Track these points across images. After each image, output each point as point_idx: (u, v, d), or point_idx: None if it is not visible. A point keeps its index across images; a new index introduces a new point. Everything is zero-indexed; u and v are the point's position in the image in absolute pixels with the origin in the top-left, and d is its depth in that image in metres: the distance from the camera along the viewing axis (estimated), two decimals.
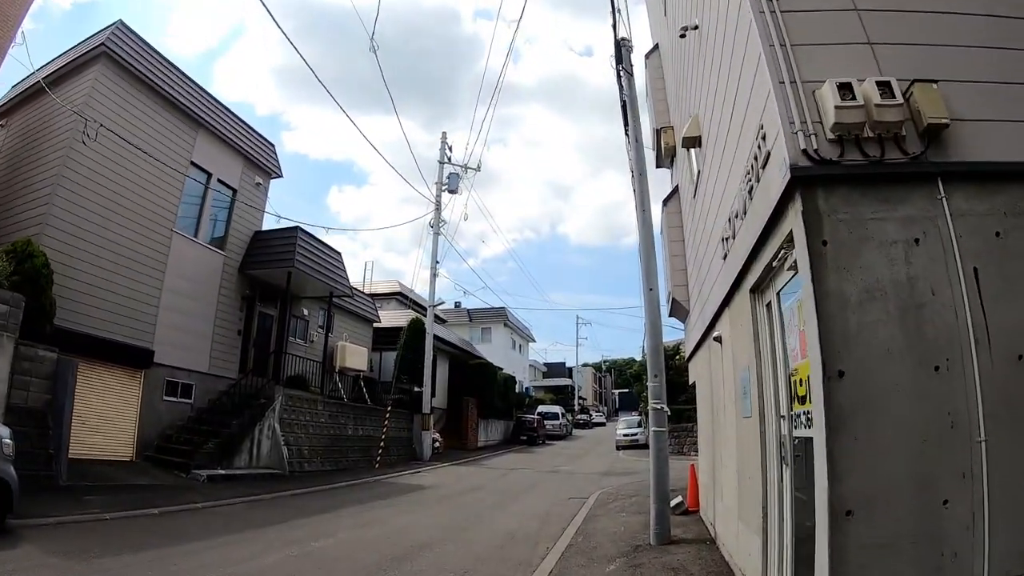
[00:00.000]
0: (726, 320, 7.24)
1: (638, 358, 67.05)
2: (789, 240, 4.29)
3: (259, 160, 22.34)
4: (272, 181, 23.16)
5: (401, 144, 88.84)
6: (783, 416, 5.01)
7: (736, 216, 5.92)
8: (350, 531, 10.51)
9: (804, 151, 3.97)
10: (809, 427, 4.18)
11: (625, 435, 36.52)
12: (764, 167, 4.64)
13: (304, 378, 21.99)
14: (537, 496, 15.58)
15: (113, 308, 16.02)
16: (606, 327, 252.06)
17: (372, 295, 33.71)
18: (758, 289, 5.70)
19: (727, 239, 6.52)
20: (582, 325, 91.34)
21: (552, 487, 17.51)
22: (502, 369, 44.26)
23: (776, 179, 4.26)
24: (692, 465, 12.42)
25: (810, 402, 4.12)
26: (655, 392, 9.27)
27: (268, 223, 22.55)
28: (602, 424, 70.15)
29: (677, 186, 12.93)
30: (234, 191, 21.11)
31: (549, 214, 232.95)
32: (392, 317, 31.50)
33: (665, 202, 13.00)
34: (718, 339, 7.75)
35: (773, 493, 5.22)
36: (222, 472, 16.18)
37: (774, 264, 4.84)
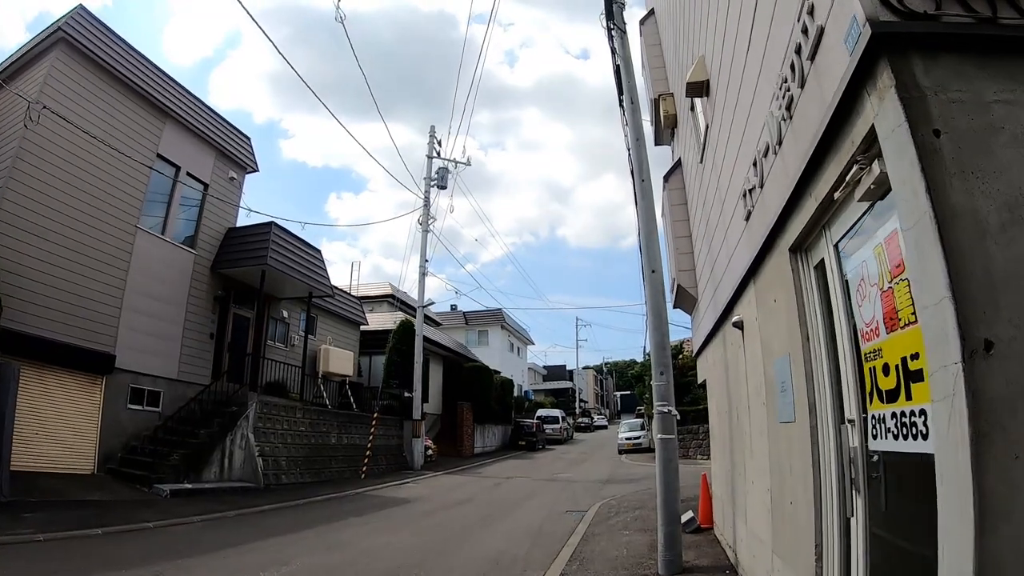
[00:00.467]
0: (750, 299, 5.80)
1: (639, 359, 65.71)
2: (866, 147, 2.83)
3: (233, 153, 21.03)
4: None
5: (401, 148, 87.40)
6: (850, 421, 3.55)
7: (765, 154, 4.47)
8: (309, 556, 9.04)
9: (885, 1, 2.51)
10: (909, 436, 2.71)
11: (627, 439, 35.16)
12: (815, 53, 3.21)
13: (284, 384, 20.63)
14: (531, 509, 14.14)
15: (69, 309, 14.75)
16: (607, 328, 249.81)
17: (362, 298, 32.36)
18: (802, 247, 4.24)
19: (750, 192, 5.08)
20: (582, 327, 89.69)
21: (548, 498, 16.07)
22: (499, 372, 42.93)
23: (840, 59, 2.83)
24: (704, 475, 10.82)
25: (910, 397, 2.67)
26: (661, 392, 7.77)
27: (255, 220, 21.18)
28: (604, 427, 69.19)
29: (679, 160, 11.53)
30: (205, 186, 19.85)
31: (548, 217, 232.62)
32: (382, 320, 30.08)
33: (666, 178, 11.56)
34: (738, 324, 6.27)
35: (832, 528, 3.74)
36: (188, 486, 14.86)
37: (836, 196, 3.35)
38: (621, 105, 10.01)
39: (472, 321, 52.32)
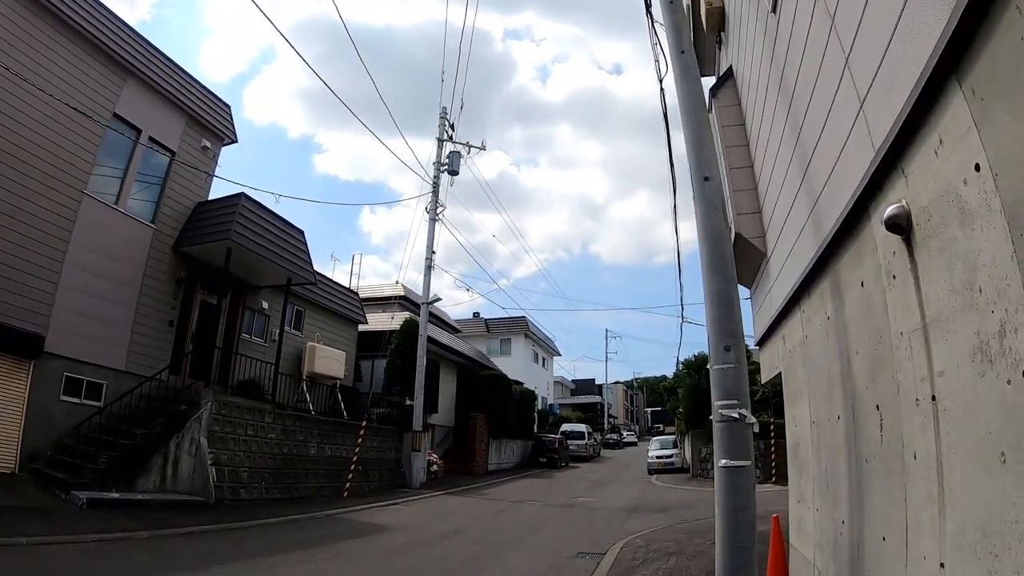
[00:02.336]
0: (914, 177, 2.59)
1: (670, 374, 62.10)
2: None
3: (207, 120, 18.38)
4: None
5: (423, 160, 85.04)
6: None
7: None
8: None
9: None
10: None
11: (658, 457, 31.86)
12: None
13: (258, 384, 17.62)
14: (532, 549, 10.88)
15: None
16: (638, 339, 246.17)
17: (372, 299, 29.38)
18: None
19: None
20: (612, 339, 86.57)
21: (559, 531, 12.83)
22: (522, 383, 39.62)
23: None
24: (775, 518, 7.06)
25: None
26: (725, 382, 4.41)
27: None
28: (633, 444, 66.42)
29: (731, 69, 8.35)
30: (172, 154, 17.15)
31: (581, 234, 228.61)
32: (389, 321, 26.86)
33: (714, 92, 8.29)
34: (899, 222, 2.94)
35: None
36: (114, 496, 12.17)
37: None
38: None
39: (494, 329, 49.04)
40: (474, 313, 52.73)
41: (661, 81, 8.99)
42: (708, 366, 4.72)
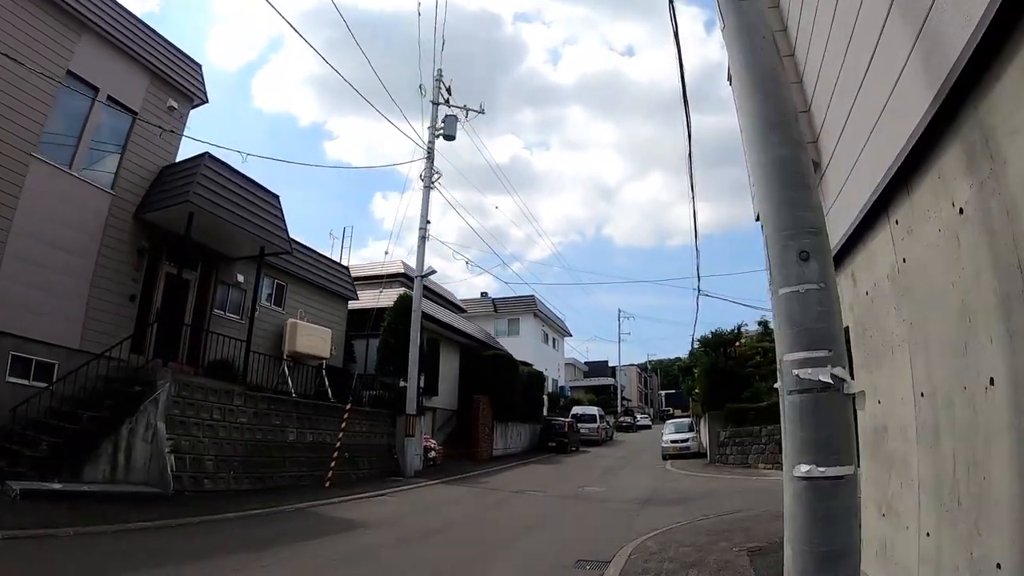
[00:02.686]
0: None
1: (685, 355, 60.22)
2: None
3: (174, 79, 16.78)
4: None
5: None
6: None
7: None
8: None
9: None
10: None
11: (673, 441, 30.06)
12: None
13: (231, 364, 16.07)
14: (526, 553, 9.16)
15: None
16: (652, 320, 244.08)
17: (371, 277, 27.60)
18: None
19: None
20: (624, 319, 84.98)
21: (560, 529, 11.10)
22: (530, 364, 37.91)
23: None
24: None
25: None
26: (802, 315, 2.59)
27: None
28: (647, 427, 64.41)
29: None
30: (135, 115, 15.59)
31: (594, 217, 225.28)
32: (381, 298, 25.08)
33: None
34: None
35: None
36: (55, 487, 10.76)
37: None
38: None
39: (501, 309, 47.30)
40: (482, 293, 51.19)
41: None
42: (770, 290, 2.83)
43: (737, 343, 30.40)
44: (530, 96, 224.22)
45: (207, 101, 18.11)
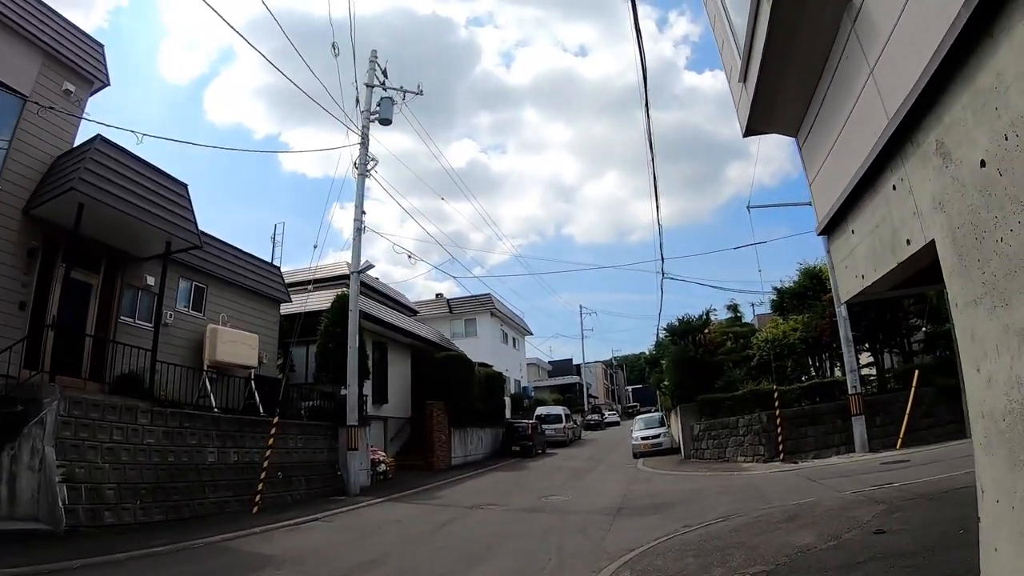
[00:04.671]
0: None
1: (650, 348, 58.90)
2: None
3: (71, 60, 14.72)
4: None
5: (398, 155, 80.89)
6: None
7: None
8: None
9: None
10: None
11: (644, 438, 28.28)
12: None
13: (142, 377, 13.98)
14: None
15: None
16: (615, 317, 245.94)
17: (314, 281, 25.39)
18: None
19: None
20: (587, 315, 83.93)
21: (514, 558, 9.27)
22: (490, 366, 36.05)
23: None
24: None
25: None
26: None
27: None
28: (616, 423, 63.78)
29: None
30: (24, 98, 13.42)
31: (554, 216, 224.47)
32: (319, 301, 22.94)
33: None
34: None
35: None
36: None
37: None
38: None
39: (457, 310, 45.26)
40: (436, 294, 49.20)
41: None
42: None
43: (706, 330, 28.77)
44: (485, 99, 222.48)
45: (108, 84, 16.14)
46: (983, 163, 2.72)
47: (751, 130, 5.95)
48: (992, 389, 2.88)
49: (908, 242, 3.79)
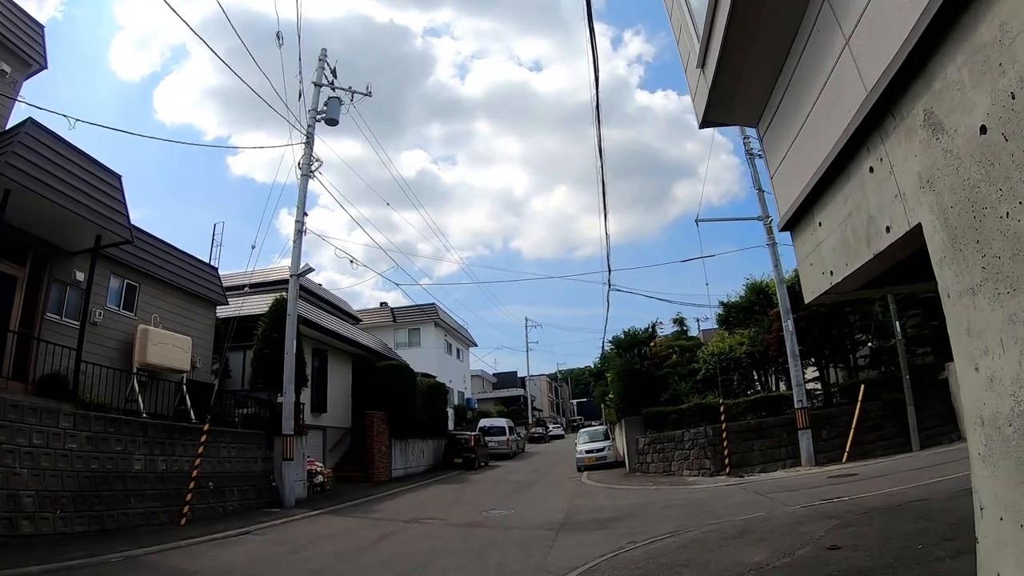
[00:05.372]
0: None
1: (595, 361, 58.94)
2: None
3: (6, 39, 14.19)
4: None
5: (349, 162, 79.77)
6: None
7: None
8: None
9: None
10: None
11: (588, 452, 27.99)
12: None
13: (67, 378, 13.15)
14: None
15: None
16: (559, 329, 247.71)
17: (251, 284, 24.56)
18: None
19: None
20: (532, 327, 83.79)
21: (455, 574, 8.85)
22: (433, 376, 35.66)
23: None
24: None
25: None
26: None
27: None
28: (560, 436, 63.89)
29: None
30: None
31: (503, 229, 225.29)
32: (255, 305, 22.16)
33: None
34: None
35: None
36: None
37: None
38: None
39: (401, 319, 44.57)
40: (381, 303, 48.50)
41: None
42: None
43: (653, 343, 28.75)
44: (437, 110, 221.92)
45: (46, 67, 15.60)
46: (983, 129, 2.47)
47: (708, 121, 5.73)
48: (994, 390, 2.61)
49: (888, 229, 3.52)
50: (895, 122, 3.24)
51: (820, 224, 4.61)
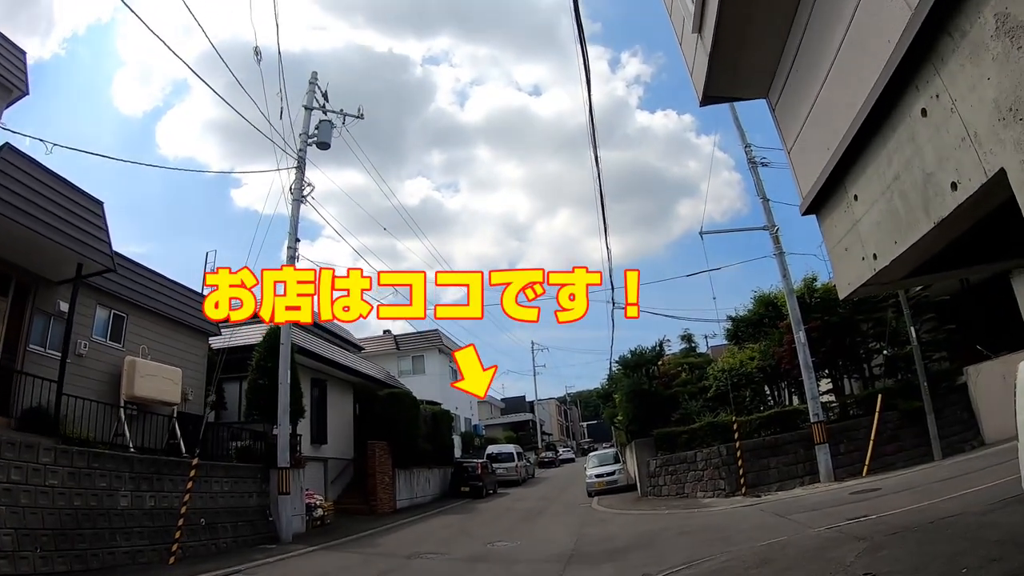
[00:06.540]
0: None
1: (603, 382, 58.29)
2: None
3: None
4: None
5: (349, 192, 79.81)
6: None
7: None
8: None
9: None
10: None
11: (598, 476, 27.18)
12: None
13: (50, 412, 12.59)
14: None
15: None
16: (567, 351, 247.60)
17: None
18: None
19: None
20: (539, 351, 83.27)
21: None
22: (438, 404, 34.96)
23: None
24: None
25: None
26: None
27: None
28: (571, 460, 63.54)
29: None
30: None
31: (507, 253, 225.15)
32: (246, 335, 21.50)
33: None
34: None
35: None
36: None
37: None
38: None
39: (404, 346, 43.88)
40: (384, 330, 47.89)
41: None
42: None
43: (660, 361, 28.04)
44: (438, 137, 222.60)
45: (27, 93, 15.06)
46: None
47: (710, 97, 5.10)
48: None
49: (954, 186, 2.81)
50: (954, 41, 2.57)
51: (856, 197, 3.89)
